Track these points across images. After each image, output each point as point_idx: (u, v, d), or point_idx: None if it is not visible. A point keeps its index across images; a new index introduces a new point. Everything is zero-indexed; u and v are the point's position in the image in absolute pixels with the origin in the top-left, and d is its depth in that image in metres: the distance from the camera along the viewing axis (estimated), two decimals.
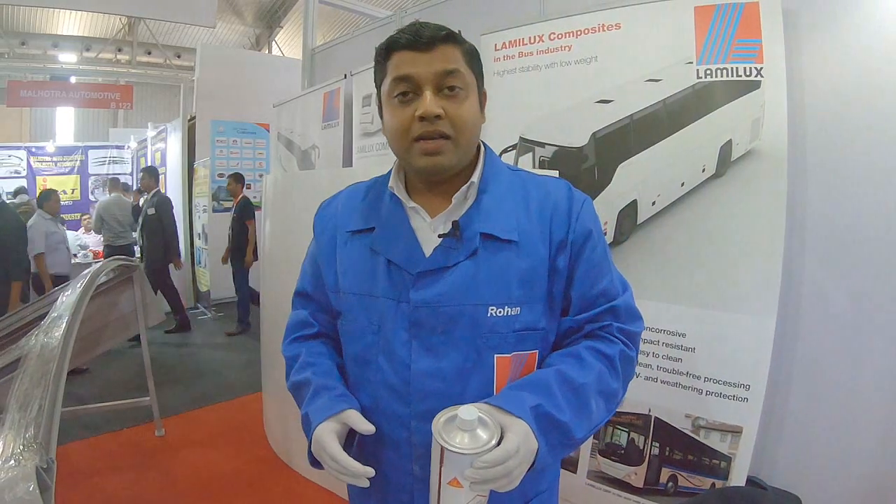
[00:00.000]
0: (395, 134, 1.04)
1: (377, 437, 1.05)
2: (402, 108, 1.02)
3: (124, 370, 5.32)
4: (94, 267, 3.11)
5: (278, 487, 3.24)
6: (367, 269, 1.09)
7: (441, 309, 1.02)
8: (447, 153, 1.01)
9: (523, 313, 1.03)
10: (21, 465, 1.05)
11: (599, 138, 2.62)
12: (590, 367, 1.01)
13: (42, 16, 12.30)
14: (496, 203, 1.06)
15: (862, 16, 2.18)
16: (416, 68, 1.00)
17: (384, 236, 1.09)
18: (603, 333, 1.06)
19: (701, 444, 2.37)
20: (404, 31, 1.02)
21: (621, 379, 1.05)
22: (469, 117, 1.03)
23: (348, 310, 1.13)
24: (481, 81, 1.10)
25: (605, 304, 1.06)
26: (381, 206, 1.13)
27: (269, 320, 3.64)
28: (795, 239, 2.32)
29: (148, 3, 5.61)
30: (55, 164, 11.01)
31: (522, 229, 1.05)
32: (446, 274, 1.02)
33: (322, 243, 1.20)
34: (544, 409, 0.93)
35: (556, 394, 0.95)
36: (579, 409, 0.97)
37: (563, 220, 1.07)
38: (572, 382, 0.97)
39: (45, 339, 1.80)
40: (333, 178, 3.06)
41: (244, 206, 6.82)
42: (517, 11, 3.43)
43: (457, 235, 1.03)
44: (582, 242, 1.06)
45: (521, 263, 1.03)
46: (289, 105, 5.70)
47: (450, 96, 1.00)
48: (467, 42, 1.07)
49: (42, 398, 1.34)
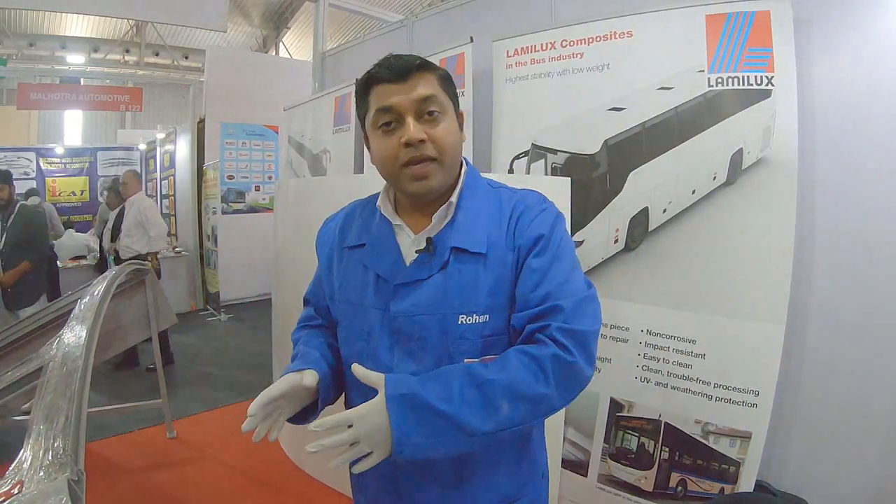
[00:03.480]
0: (383, 162, 1.12)
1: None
2: (388, 138, 1.09)
3: (136, 372, 5.35)
4: (111, 272, 3.14)
5: (289, 490, 3.26)
6: (360, 282, 1.18)
7: (415, 318, 1.10)
8: (435, 175, 1.10)
9: (491, 320, 1.09)
10: (51, 478, 1.07)
11: (611, 145, 2.63)
12: (508, 368, 1.01)
13: (50, 17, 12.33)
14: (470, 219, 1.13)
15: (872, 25, 2.19)
16: (396, 98, 1.07)
17: (373, 252, 1.18)
18: (539, 336, 1.05)
19: (710, 448, 2.38)
20: (381, 65, 1.10)
21: (552, 383, 1.01)
22: (450, 138, 1.10)
23: (344, 318, 1.22)
24: (457, 103, 1.17)
25: (549, 303, 1.06)
26: (373, 223, 1.22)
27: (281, 322, 3.67)
28: (805, 246, 2.32)
29: (158, 8, 5.61)
30: (64, 166, 11.04)
31: (492, 242, 1.11)
32: (420, 286, 1.10)
33: (323, 257, 1.32)
34: (420, 397, 0.97)
35: (452, 385, 0.99)
36: (480, 403, 0.98)
37: (520, 226, 1.13)
38: (478, 379, 0.99)
39: (66, 349, 1.82)
40: (344, 186, 3.08)
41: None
42: (528, 18, 3.44)
43: (430, 250, 1.11)
44: (530, 246, 1.11)
45: (489, 274, 1.10)
46: (300, 108, 5.70)
47: (429, 121, 1.08)
48: (441, 69, 1.16)
49: (68, 409, 1.36)
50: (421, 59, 1.10)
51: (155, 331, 3.84)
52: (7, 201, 4.66)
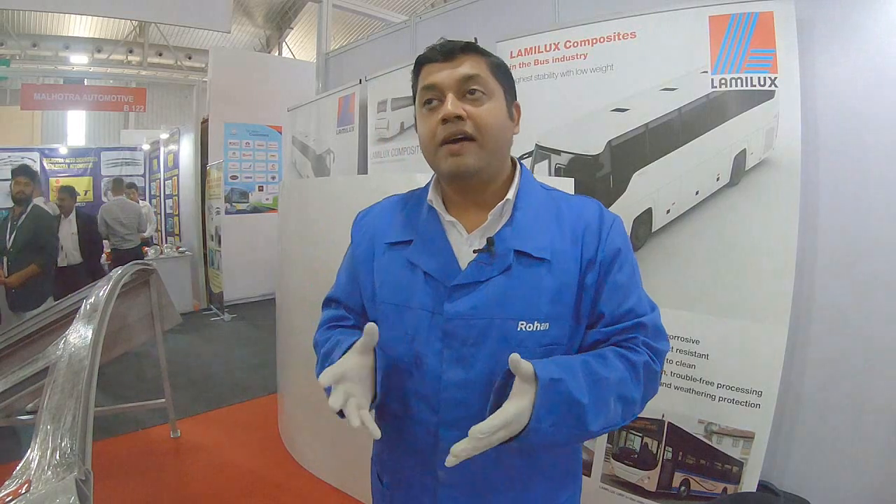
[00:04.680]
0: (424, 141, 1.09)
1: (404, 441, 1.11)
2: (430, 115, 1.07)
3: (139, 372, 5.36)
4: (116, 272, 3.15)
5: (294, 489, 3.26)
6: (404, 281, 1.12)
7: (473, 321, 1.04)
8: (471, 154, 1.04)
9: (552, 329, 1.05)
10: (59, 477, 1.08)
11: (615, 146, 2.63)
12: (613, 367, 1.01)
13: (53, 18, 12.34)
14: (530, 221, 1.09)
15: (876, 26, 2.19)
16: (439, 76, 1.06)
17: (422, 249, 1.12)
18: (630, 344, 1.06)
19: (713, 448, 2.38)
20: (431, 47, 1.09)
21: (642, 389, 1.05)
22: (491, 119, 1.05)
23: (384, 319, 1.14)
24: (511, 93, 1.14)
25: (634, 320, 1.07)
26: (419, 218, 1.16)
27: (285, 322, 3.68)
28: (808, 247, 2.33)
29: (161, 8, 5.60)
30: (68, 166, 11.03)
31: (555, 248, 1.07)
32: (479, 288, 1.05)
33: (359, 254, 1.23)
34: (565, 385, 0.94)
35: (579, 377, 0.97)
36: (598, 399, 0.97)
37: (593, 238, 1.09)
38: (596, 374, 0.98)
39: (72, 349, 1.83)
40: (348, 185, 3.09)
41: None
42: (532, 19, 3.45)
43: (491, 251, 1.05)
44: (611, 261, 1.09)
45: (552, 281, 1.06)
46: (303, 109, 5.72)
47: (472, 100, 1.05)
48: (493, 55, 1.12)
49: (75, 409, 1.37)
50: (470, 43, 1.09)
51: (159, 331, 3.85)
52: (27, 197, 4.65)
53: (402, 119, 4.20)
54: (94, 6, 5.80)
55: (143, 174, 11.29)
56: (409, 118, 4.10)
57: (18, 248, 4.52)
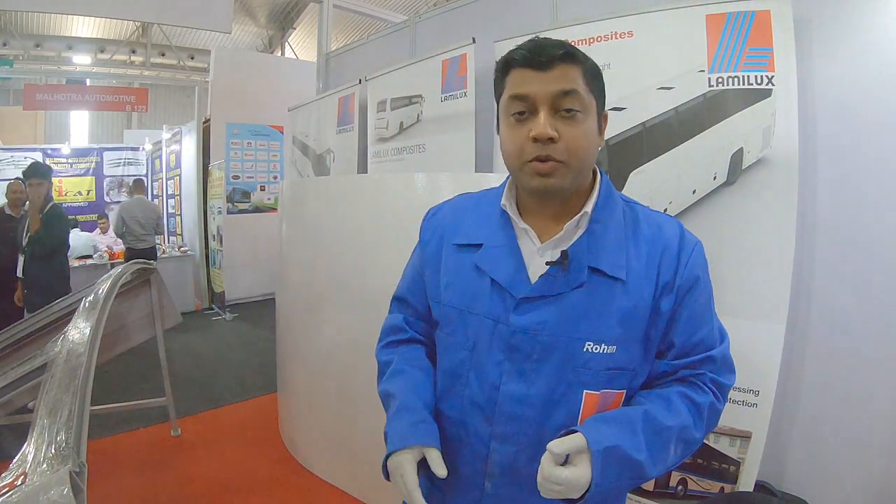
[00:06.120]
0: (509, 153, 1.02)
1: (455, 449, 1.09)
2: (518, 128, 0.99)
3: (141, 371, 5.37)
4: (116, 270, 3.16)
5: (293, 488, 3.27)
6: (470, 286, 1.08)
7: (539, 337, 1.00)
8: (559, 176, 0.98)
9: (619, 352, 1.01)
10: (53, 469, 1.09)
11: (612, 145, 2.64)
12: (677, 413, 1.00)
13: (56, 18, 12.36)
14: (607, 236, 1.03)
15: (873, 24, 2.20)
16: (533, 88, 0.97)
17: (491, 255, 1.07)
18: (696, 382, 1.04)
19: (710, 448, 2.38)
20: (522, 48, 0.99)
21: (705, 429, 1.04)
22: (583, 142, 0.98)
23: (447, 322, 1.12)
24: (602, 103, 1.05)
25: (703, 353, 1.04)
26: (491, 222, 1.11)
27: (285, 321, 3.69)
28: (805, 246, 2.33)
29: (163, 9, 5.62)
30: (71, 166, 11.07)
31: (631, 267, 1.02)
32: (549, 303, 1.01)
33: (428, 252, 1.20)
34: (622, 450, 0.93)
35: (639, 433, 0.95)
36: (658, 450, 0.96)
37: (671, 262, 1.04)
38: (657, 426, 0.97)
39: (70, 345, 1.84)
40: (348, 186, 3.10)
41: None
42: (530, 19, 3.46)
43: (564, 265, 1.00)
44: (689, 288, 1.03)
45: (625, 302, 1.00)
46: (304, 109, 5.74)
47: (566, 118, 0.96)
48: (589, 60, 1.02)
49: (72, 403, 1.38)
50: (567, 47, 0.98)
51: (160, 330, 3.86)
52: (45, 200, 4.59)
53: (401, 119, 4.21)
54: (97, 7, 5.83)
55: (146, 174, 11.33)
56: (409, 118, 4.12)
57: (33, 248, 4.52)
